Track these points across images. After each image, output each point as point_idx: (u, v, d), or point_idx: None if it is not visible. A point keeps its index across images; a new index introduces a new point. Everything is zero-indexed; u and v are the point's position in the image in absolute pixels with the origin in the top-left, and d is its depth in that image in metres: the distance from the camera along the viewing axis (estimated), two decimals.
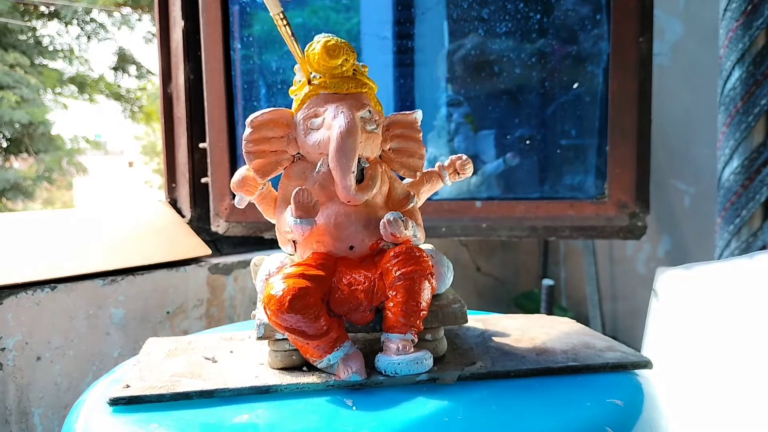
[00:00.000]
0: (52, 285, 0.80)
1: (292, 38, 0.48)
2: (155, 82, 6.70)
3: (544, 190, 1.03)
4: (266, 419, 0.41)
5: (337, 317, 0.47)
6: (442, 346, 0.50)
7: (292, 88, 0.51)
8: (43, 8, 5.80)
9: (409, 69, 1.07)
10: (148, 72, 6.53)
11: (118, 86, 6.53)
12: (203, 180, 1.02)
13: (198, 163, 1.04)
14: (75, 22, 6.05)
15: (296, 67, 0.50)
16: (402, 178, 0.54)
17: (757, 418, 0.69)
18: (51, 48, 6.09)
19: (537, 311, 1.43)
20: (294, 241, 0.50)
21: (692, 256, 1.42)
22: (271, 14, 0.48)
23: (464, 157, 0.58)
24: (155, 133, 8.32)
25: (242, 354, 0.52)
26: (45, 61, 5.99)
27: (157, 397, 0.43)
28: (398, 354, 0.46)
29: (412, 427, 0.39)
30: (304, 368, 0.47)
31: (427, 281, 0.46)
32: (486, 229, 0.96)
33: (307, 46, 0.49)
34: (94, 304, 0.83)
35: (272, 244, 1.07)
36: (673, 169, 1.47)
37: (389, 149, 0.52)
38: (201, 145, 1.02)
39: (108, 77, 6.49)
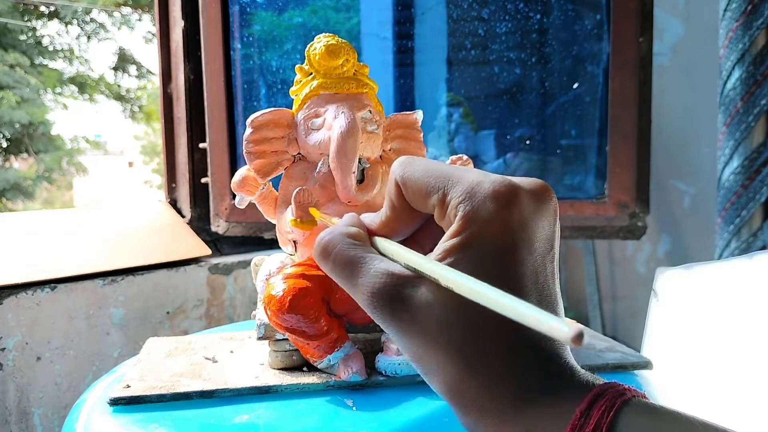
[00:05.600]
0: (52, 285, 0.80)
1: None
2: (155, 82, 6.70)
3: None
4: (266, 419, 0.41)
5: (338, 317, 0.47)
6: None
7: (292, 88, 0.51)
8: (43, 8, 5.80)
9: (409, 69, 1.07)
10: (148, 72, 6.54)
11: (118, 86, 6.54)
12: (203, 180, 1.02)
13: (198, 163, 1.04)
14: (75, 22, 6.07)
15: (297, 66, 0.50)
16: None
17: (757, 418, 0.69)
18: (51, 48, 6.10)
19: None
20: (294, 242, 0.50)
21: (692, 256, 1.42)
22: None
23: (465, 157, 0.57)
24: (155, 133, 8.33)
25: (242, 354, 0.52)
26: (45, 61, 6.00)
27: (157, 397, 0.43)
28: (399, 354, 0.45)
29: (412, 427, 0.39)
30: (305, 368, 0.47)
31: None
32: None
33: (308, 45, 0.49)
34: (94, 304, 0.83)
35: (272, 244, 1.07)
36: (673, 169, 1.47)
37: (390, 149, 0.52)
38: (201, 145, 1.02)
39: (108, 77, 6.50)
